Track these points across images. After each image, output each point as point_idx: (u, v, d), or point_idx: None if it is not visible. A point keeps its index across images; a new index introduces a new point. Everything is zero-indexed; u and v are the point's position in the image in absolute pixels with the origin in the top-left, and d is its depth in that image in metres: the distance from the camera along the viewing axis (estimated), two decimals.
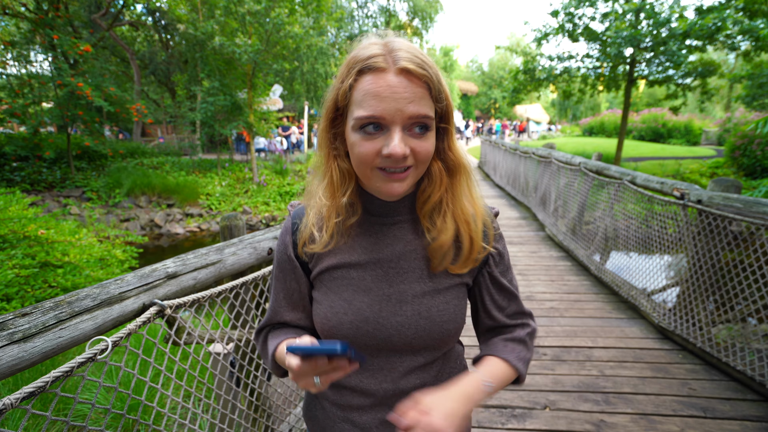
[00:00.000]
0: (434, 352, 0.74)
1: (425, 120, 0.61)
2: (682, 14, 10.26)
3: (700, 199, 2.65)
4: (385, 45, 0.61)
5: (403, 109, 0.59)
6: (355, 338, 0.70)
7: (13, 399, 0.77)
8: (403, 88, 0.58)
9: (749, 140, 10.77)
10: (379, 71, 0.59)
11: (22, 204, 4.48)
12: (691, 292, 2.71)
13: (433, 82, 0.61)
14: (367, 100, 0.59)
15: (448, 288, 0.72)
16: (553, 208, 5.78)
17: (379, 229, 0.73)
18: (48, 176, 11.19)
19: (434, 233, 0.70)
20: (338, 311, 0.70)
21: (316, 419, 0.82)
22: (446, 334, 0.71)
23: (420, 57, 0.60)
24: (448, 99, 0.65)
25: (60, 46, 10.07)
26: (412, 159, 0.62)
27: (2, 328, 0.80)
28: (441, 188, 0.69)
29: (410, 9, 30.11)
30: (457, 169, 0.70)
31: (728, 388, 2.26)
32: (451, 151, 0.69)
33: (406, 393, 0.73)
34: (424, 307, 0.70)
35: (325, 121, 0.68)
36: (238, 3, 11.34)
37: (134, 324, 1.03)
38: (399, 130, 0.60)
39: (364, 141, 0.61)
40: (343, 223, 0.71)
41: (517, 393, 2.28)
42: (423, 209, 0.71)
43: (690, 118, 23.54)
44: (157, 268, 1.18)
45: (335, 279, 0.72)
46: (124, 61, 18.80)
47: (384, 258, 0.72)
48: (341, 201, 0.69)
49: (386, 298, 0.70)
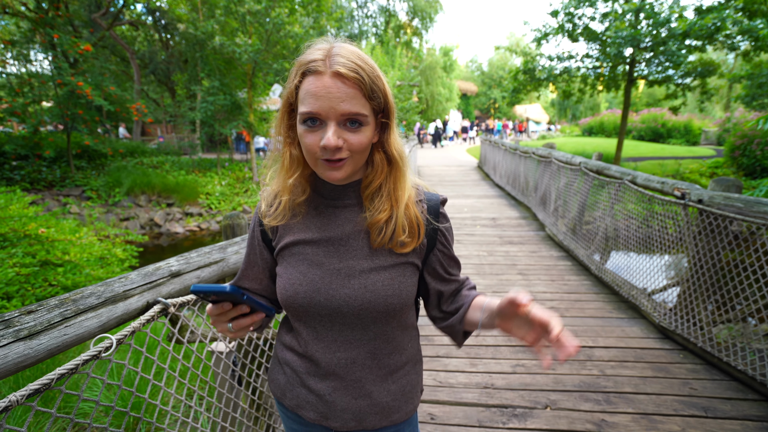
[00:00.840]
0: (381, 325, 0.81)
1: (356, 116, 0.69)
2: (682, 14, 10.27)
3: (700, 199, 2.65)
4: (327, 50, 0.69)
5: (335, 107, 0.67)
6: (309, 307, 0.79)
7: (19, 396, 0.77)
8: (336, 89, 0.67)
9: (749, 140, 10.79)
10: (318, 74, 0.68)
11: (22, 203, 4.47)
12: (691, 292, 2.72)
13: (365, 83, 0.69)
14: (307, 99, 0.69)
15: (393, 266, 0.80)
16: (553, 207, 5.78)
17: (332, 211, 0.82)
18: (48, 175, 11.18)
19: (372, 212, 0.79)
20: (294, 282, 0.79)
21: (277, 382, 0.90)
22: (390, 307, 0.79)
23: (355, 61, 0.68)
24: (386, 97, 0.73)
25: (60, 45, 10.06)
26: (346, 150, 0.71)
27: (8, 325, 0.80)
28: (381, 175, 0.79)
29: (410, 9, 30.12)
30: (395, 159, 0.79)
31: (729, 388, 2.27)
32: (390, 144, 0.78)
33: (357, 363, 0.82)
34: (369, 282, 0.78)
35: (281, 114, 0.78)
36: (239, 3, 11.34)
37: (138, 322, 1.03)
38: (334, 125, 0.69)
39: (307, 133, 0.71)
40: (293, 201, 0.82)
41: (518, 392, 2.29)
42: (365, 193, 0.80)
43: (689, 118, 23.55)
44: (161, 267, 1.18)
45: (293, 255, 0.82)
46: (124, 60, 18.78)
47: (335, 236, 0.81)
48: (288, 182, 0.80)
49: (336, 272, 0.79)
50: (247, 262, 0.90)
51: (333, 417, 0.84)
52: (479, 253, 4.88)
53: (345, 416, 0.83)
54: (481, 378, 2.43)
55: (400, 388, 0.87)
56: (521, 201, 7.94)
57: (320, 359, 0.82)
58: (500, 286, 3.85)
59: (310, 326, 0.82)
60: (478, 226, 6.22)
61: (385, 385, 0.85)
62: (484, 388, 2.34)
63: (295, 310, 0.81)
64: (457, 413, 2.13)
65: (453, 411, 2.14)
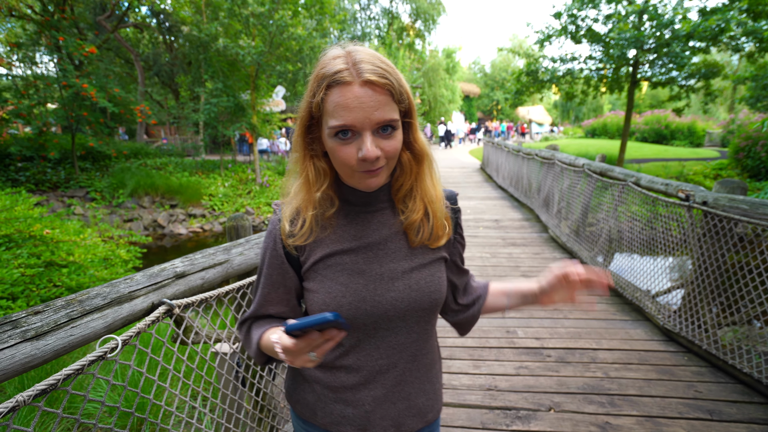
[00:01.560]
0: (423, 324, 0.82)
1: (390, 122, 0.68)
2: (686, 16, 10.23)
3: (705, 201, 2.64)
4: (347, 58, 0.67)
5: (370, 116, 0.66)
6: (355, 318, 0.76)
7: (26, 396, 0.77)
8: (368, 98, 0.65)
9: (753, 142, 10.73)
10: (345, 84, 0.66)
11: (27, 204, 4.50)
12: (696, 294, 2.70)
13: (395, 88, 0.68)
14: (338, 111, 0.66)
15: (431, 262, 0.81)
16: (556, 209, 5.77)
17: (364, 217, 0.80)
18: (52, 176, 11.25)
19: (407, 213, 0.79)
20: (336, 295, 0.76)
21: (305, 402, 0.86)
22: (434, 303, 0.80)
23: (381, 66, 0.67)
24: (409, 98, 0.72)
25: (65, 47, 10.14)
26: (383, 158, 0.70)
27: (15, 326, 0.81)
28: (411, 176, 0.79)
29: (413, 11, 30.17)
30: (422, 157, 0.79)
31: (734, 391, 2.25)
32: (416, 142, 0.78)
33: (399, 367, 0.80)
34: (413, 281, 0.78)
35: (300, 128, 0.75)
36: (242, 5, 11.39)
37: (143, 323, 1.03)
38: (369, 135, 0.67)
39: (341, 146, 0.69)
40: (321, 215, 0.78)
41: (522, 395, 2.28)
42: (398, 195, 0.80)
43: (693, 120, 23.45)
44: (166, 268, 1.19)
45: (330, 267, 0.78)
46: (129, 62, 18.89)
47: (372, 242, 0.79)
48: (315, 196, 0.76)
49: (379, 277, 0.77)
50: (269, 285, 0.83)
51: (372, 427, 0.81)
52: (482, 254, 4.87)
53: (384, 423, 0.81)
54: (485, 380, 2.42)
55: (433, 387, 0.87)
56: (524, 203, 7.93)
57: (360, 368, 0.79)
58: None
59: (351, 336, 0.79)
60: (481, 228, 6.21)
61: (421, 385, 0.85)
62: (487, 390, 2.33)
63: None
64: (461, 415, 2.12)
65: (456, 413, 2.14)
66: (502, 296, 0.92)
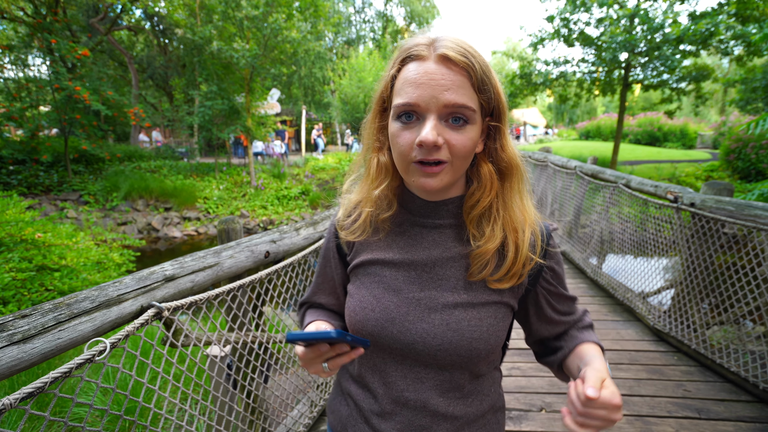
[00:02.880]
0: (462, 371, 0.68)
1: (462, 110, 0.58)
2: (676, 20, 10.38)
3: (693, 202, 2.68)
4: (432, 37, 0.61)
5: (438, 96, 0.57)
6: (380, 338, 0.68)
7: (12, 399, 0.77)
8: (440, 75, 0.57)
9: (744, 143, 10.88)
10: (420, 59, 0.59)
11: (19, 207, 4.48)
12: (685, 295, 2.74)
13: (475, 71, 0.58)
14: (405, 88, 0.59)
15: (485, 304, 0.67)
16: (549, 211, 5.81)
17: (419, 231, 0.71)
18: (45, 180, 11.17)
19: (480, 241, 0.66)
20: (366, 306, 0.69)
21: (339, 414, 0.80)
22: (474, 352, 0.65)
23: (463, 46, 0.59)
24: (498, 94, 0.62)
25: (58, 50, 10.09)
26: (446, 153, 0.60)
27: (2, 329, 0.81)
28: (491, 192, 0.66)
29: (407, 14, 30.31)
30: (510, 172, 0.67)
31: (722, 390, 2.28)
32: (504, 152, 0.66)
33: (430, 409, 0.68)
34: (453, 319, 0.65)
35: (372, 113, 0.69)
36: (236, 8, 11.40)
37: (132, 326, 1.04)
38: (434, 119, 0.58)
39: (401, 130, 0.61)
40: (376, 216, 0.71)
41: (514, 395, 2.29)
42: (470, 214, 0.67)
43: (685, 122, 23.70)
44: (155, 271, 1.19)
45: (368, 274, 0.72)
46: (123, 65, 18.82)
47: (419, 261, 0.69)
48: (373, 193, 0.69)
49: (415, 302, 0.67)
50: (323, 275, 0.83)
51: None
52: None
53: None
54: None
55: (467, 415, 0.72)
56: None
57: (385, 396, 0.70)
58: None
59: (379, 356, 0.71)
60: None
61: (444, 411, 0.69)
62: None
63: (362, 335, 0.70)
64: None
65: None
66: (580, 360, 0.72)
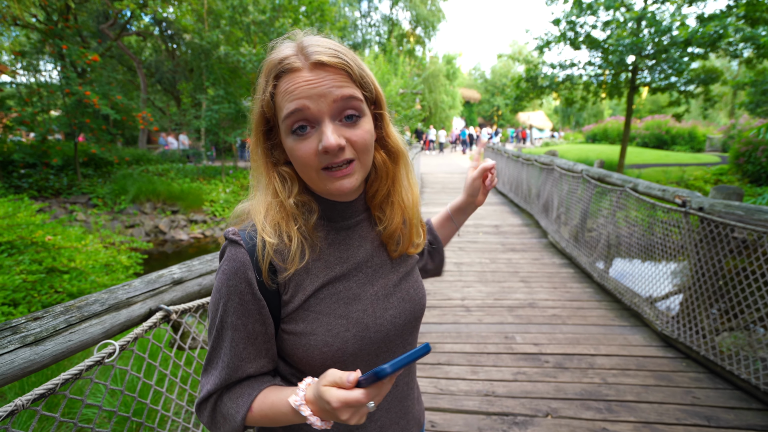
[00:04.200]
0: (415, 333, 0.78)
1: (352, 102, 0.59)
2: (684, 22, 10.31)
3: (701, 207, 2.65)
4: (297, 44, 0.61)
5: (325, 95, 0.57)
6: (360, 350, 0.66)
7: (24, 400, 0.79)
8: (321, 79, 0.57)
9: (754, 147, 10.75)
10: (294, 71, 0.58)
11: (30, 210, 4.54)
12: (694, 300, 2.71)
13: (353, 68, 0.60)
14: (287, 99, 0.58)
15: (413, 268, 0.79)
16: (555, 215, 5.78)
17: (346, 234, 0.71)
18: (55, 183, 11.31)
19: (385, 222, 0.72)
20: (339, 331, 0.65)
21: None
22: (423, 308, 0.78)
23: (333, 47, 0.60)
24: (375, 85, 0.65)
25: (69, 55, 10.24)
26: (351, 151, 0.60)
27: (15, 331, 0.83)
28: (388, 179, 0.71)
29: (413, 18, 30.41)
30: (398, 155, 0.71)
31: (732, 397, 2.25)
32: (389, 138, 0.70)
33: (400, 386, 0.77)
34: (404, 292, 0.74)
35: (256, 136, 0.66)
36: (243, 13, 11.52)
37: (141, 328, 1.05)
38: (329, 122, 0.58)
39: (298, 144, 0.60)
40: (304, 226, 0.65)
41: (519, 400, 2.28)
42: (374, 202, 0.72)
43: (694, 125, 23.50)
44: (164, 274, 1.21)
45: (323, 300, 0.66)
46: (131, 69, 19.06)
47: (360, 261, 0.71)
48: (289, 203, 0.65)
49: (375, 298, 0.71)
50: (245, 339, 0.63)
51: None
52: (482, 260, 4.88)
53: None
54: (482, 386, 2.43)
55: (417, 393, 0.85)
56: (524, 208, 7.94)
57: None
58: (502, 293, 3.85)
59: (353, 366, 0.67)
60: (480, 234, 6.22)
61: (412, 392, 0.81)
62: (485, 395, 2.33)
63: (342, 364, 0.65)
64: (458, 421, 2.12)
65: (454, 418, 2.14)
66: (449, 222, 0.99)
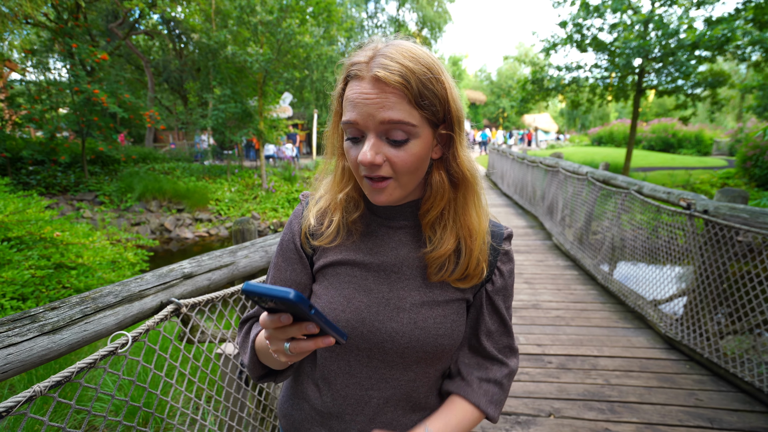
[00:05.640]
0: (424, 367, 0.71)
1: (399, 126, 0.59)
2: (691, 25, 10.26)
3: (706, 210, 2.65)
4: (374, 51, 0.61)
5: (374, 114, 0.58)
6: (350, 337, 0.69)
7: (42, 387, 0.81)
8: (375, 95, 0.58)
9: (761, 151, 10.66)
10: (358, 79, 0.60)
11: (39, 206, 4.60)
12: (698, 303, 2.71)
13: (410, 88, 0.58)
14: (347, 107, 0.61)
15: (448, 302, 0.71)
16: (560, 217, 5.77)
17: (385, 231, 0.73)
18: (62, 180, 11.44)
19: (435, 243, 0.69)
20: (336, 308, 0.69)
21: (291, 419, 0.79)
22: (440, 348, 0.69)
23: (401, 62, 0.58)
24: (446, 103, 0.62)
25: (78, 54, 10.36)
26: (389, 169, 0.61)
27: (34, 320, 0.86)
28: (443, 201, 0.68)
29: (419, 19, 30.42)
30: (462, 181, 0.67)
31: (736, 400, 2.25)
32: (456, 161, 0.66)
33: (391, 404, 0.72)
34: (420, 317, 0.68)
35: (333, 123, 0.69)
36: (251, 13, 11.59)
37: (152, 321, 1.08)
38: (373, 137, 0.60)
39: (350, 148, 0.63)
40: (346, 219, 0.72)
41: (522, 400, 2.29)
42: (424, 220, 0.70)
43: (701, 128, 23.36)
44: (174, 269, 1.24)
45: (338, 275, 0.72)
46: (139, 68, 19.23)
47: (387, 261, 0.71)
48: (338, 197, 0.71)
49: (385, 302, 0.69)
50: (278, 278, 0.77)
51: None
52: None
53: None
54: None
55: None
56: (529, 210, 7.93)
57: (349, 398, 0.72)
58: None
59: (343, 359, 0.71)
60: None
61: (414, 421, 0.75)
62: None
63: None
64: None
65: None
66: None
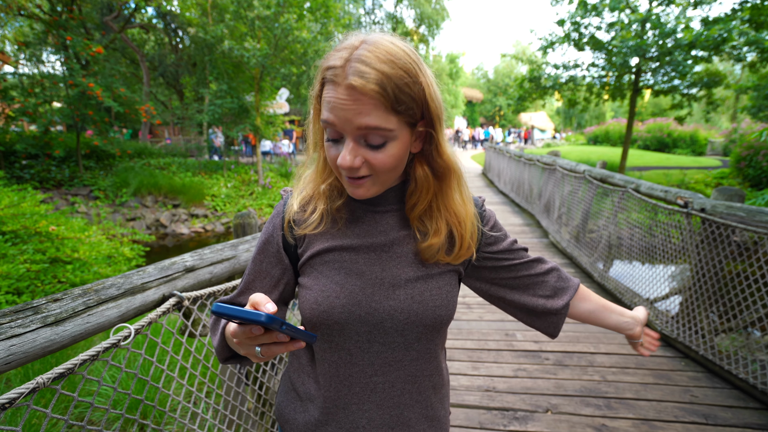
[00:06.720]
0: (425, 342, 0.73)
1: (375, 131, 0.60)
2: (688, 25, 10.30)
3: (703, 208, 2.67)
4: (349, 53, 0.59)
5: (351, 119, 0.59)
6: (346, 324, 0.69)
7: (45, 378, 0.81)
8: (351, 101, 0.58)
9: (755, 151, 10.76)
10: (334, 84, 0.60)
11: (34, 200, 4.56)
12: (693, 300, 2.73)
13: (386, 95, 0.58)
14: (325, 108, 0.62)
15: (441, 274, 0.73)
16: (557, 215, 5.80)
17: (372, 216, 0.74)
18: (57, 174, 11.32)
19: (427, 236, 0.71)
20: (330, 295, 0.69)
21: (295, 423, 0.77)
22: (438, 319, 0.71)
23: (376, 68, 0.57)
24: (426, 101, 0.63)
25: (72, 47, 10.24)
26: (367, 169, 0.63)
27: (37, 311, 0.85)
28: (428, 194, 0.70)
29: (417, 16, 30.35)
30: (446, 172, 0.70)
31: (730, 396, 2.28)
32: (439, 156, 0.68)
33: (397, 387, 0.72)
34: (417, 291, 0.70)
35: (313, 117, 0.71)
36: (248, 8, 11.50)
37: (155, 313, 1.07)
38: (351, 141, 0.61)
39: (330, 147, 0.65)
40: (331, 207, 0.73)
41: (520, 396, 2.31)
42: (412, 213, 0.71)
43: (695, 128, 23.50)
44: (176, 262, 1.23)
45: (327, 263, 0.71)
46: (134, 62, 19.06)
47: (377, 243, 0.72)
48: (321, 187, 0.73)
49: (379, 282, 0.70)
50: (256, 272, 0.76)
51: None
52: None
53: None
54: (483, 381, 2.45)
55: (436, 414, 0.78)
56: (525, 208, 7.96)
57: (354, 387, 0.71)
58: None
59: (343, 348, 0.71)
60: None
61: (423, 411, 0.76)
62: (485, 391, 2.36)
63: (328, 328, 0.69)
64: (459, 415, 2.15)
65: (455, 413, 2.17)
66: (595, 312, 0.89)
